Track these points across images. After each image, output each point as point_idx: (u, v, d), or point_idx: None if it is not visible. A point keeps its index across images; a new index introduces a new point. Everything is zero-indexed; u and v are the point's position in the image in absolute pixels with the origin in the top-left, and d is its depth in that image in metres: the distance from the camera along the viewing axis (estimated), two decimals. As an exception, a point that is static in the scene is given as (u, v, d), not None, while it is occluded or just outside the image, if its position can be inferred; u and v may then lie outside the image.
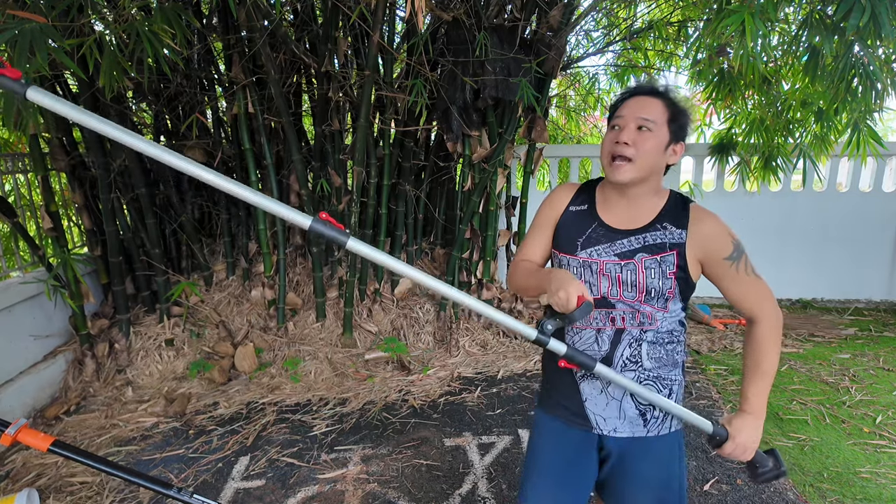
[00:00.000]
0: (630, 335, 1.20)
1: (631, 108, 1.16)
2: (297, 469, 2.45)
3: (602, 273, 1.20)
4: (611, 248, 1.20)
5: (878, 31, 2.05)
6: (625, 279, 1.18)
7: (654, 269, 1.17)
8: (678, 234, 1.16)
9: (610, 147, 1.17)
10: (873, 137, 2.92)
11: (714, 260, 1.17)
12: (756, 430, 1.21)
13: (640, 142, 1.14)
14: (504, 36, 3.37)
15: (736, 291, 1.19)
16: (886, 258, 4.63)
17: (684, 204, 1.20)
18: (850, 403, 2.93)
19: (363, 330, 3.72)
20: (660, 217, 1.19)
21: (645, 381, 1.22)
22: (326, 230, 0.95)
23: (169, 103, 3.60)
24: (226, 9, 3.29)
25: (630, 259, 1.18)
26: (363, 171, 3.46)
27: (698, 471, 2.35)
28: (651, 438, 1.24)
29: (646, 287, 1.17)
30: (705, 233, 1.16)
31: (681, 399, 1.28)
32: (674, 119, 1.16)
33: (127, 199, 3.49)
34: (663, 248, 1.16)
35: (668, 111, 1.16)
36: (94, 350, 3.31)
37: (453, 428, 2.77)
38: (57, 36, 1.93)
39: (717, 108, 3.78)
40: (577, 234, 1.24)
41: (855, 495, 2.17)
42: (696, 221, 1.17)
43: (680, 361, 1.26)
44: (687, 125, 1.19)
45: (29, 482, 2.40)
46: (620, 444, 1.25)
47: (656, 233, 1.18)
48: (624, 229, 1.20)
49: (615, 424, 1.24)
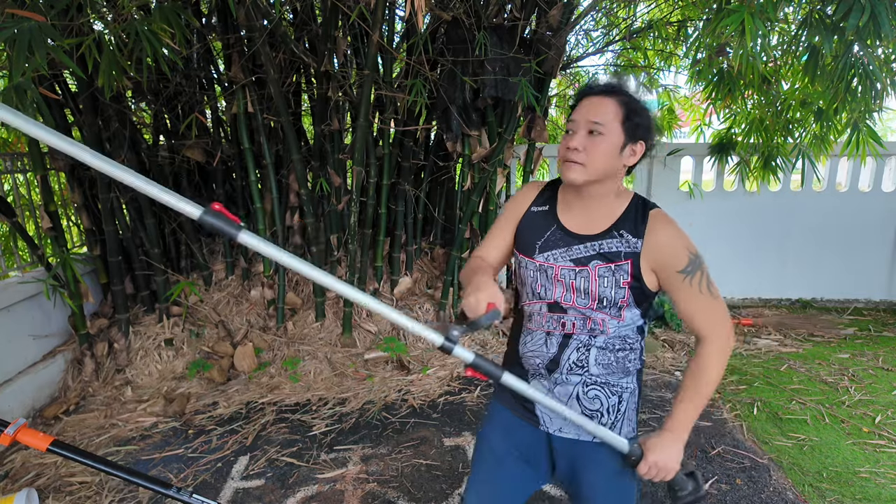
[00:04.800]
0: (578, 340, 1.19)
1: (583, 112, 1.13)
2: (297, 469, 2.44)
3: (557, 279, 1.19)
4: (567, 254, 1.18)
5: (877, 30, 2.05)
6: (578, 286, 1.17)
7: (607, 277, 1.15)
8: (634, 242, 1.14)
9: (563, 152, 1.15)
10: (873, 137, 2.92)
11: (667, 272, 1.13)
12: (674, 450, 1.16)
13: (591, 147, 1.11)
14: (504, 35, 3.37)
15: (686, 307, 1.15)
16: (886, 258, 4.63)
17: (644, 210, 1.16)
18: (849, 403, 2.94)
19: (362, 329, 3.72)
20: (617, 224, 1.16)
21: (591, 386, 1.21)
22: (217, 222, 0.90)
23: (168, 103, 3.59)
24: (225, 8, 3.29)
25: (585, 266, 1.16)
26: (362, 170, 3.45)
27: (698, 470, 2.35)
28: (598, 445, 1.21)
29: (598, 295, 1.15)
30: (660, 243, 1.13)
31: (632, 410, 1.25)
32: (628, 118, 1.11)
33: (126, 198, 3.48)
34: (618, 257, 1.14)
35: (622, 110, 1.11)
36: (94, 350, 3.31)
37: (453, 427, 2.77)
38: (56, 35, 1.93)
39: (717, 108, 3.78)
40: (536, 236, 1.22)
41: (854, 495, 2.17)
42: (652, 231, 1.13)
43: (633, 369, 1.23)
44: (645, 124, 1.14)
45: (28, 482, 2.40)
46: (567, 446, 1.24)
47: (612, 240, 1.15)
48: (581, 234, 1.18)
49: (560, 424, 1.24)
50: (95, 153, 0.82)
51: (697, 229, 4.59)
